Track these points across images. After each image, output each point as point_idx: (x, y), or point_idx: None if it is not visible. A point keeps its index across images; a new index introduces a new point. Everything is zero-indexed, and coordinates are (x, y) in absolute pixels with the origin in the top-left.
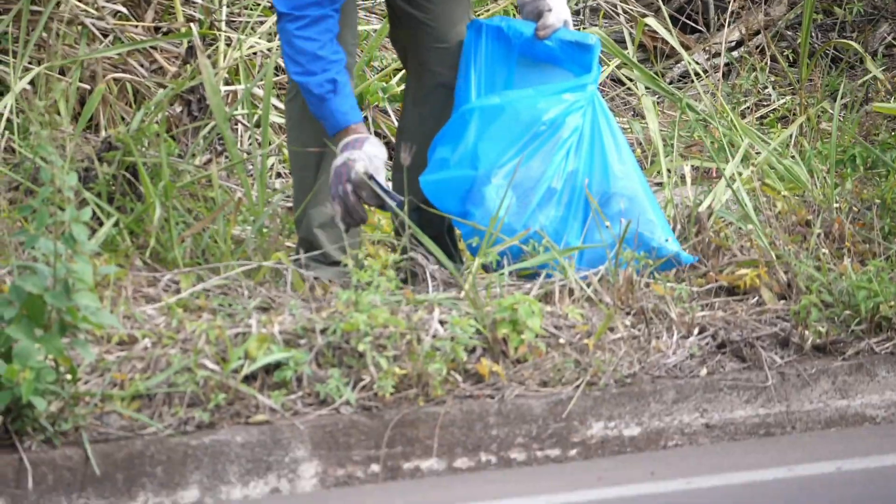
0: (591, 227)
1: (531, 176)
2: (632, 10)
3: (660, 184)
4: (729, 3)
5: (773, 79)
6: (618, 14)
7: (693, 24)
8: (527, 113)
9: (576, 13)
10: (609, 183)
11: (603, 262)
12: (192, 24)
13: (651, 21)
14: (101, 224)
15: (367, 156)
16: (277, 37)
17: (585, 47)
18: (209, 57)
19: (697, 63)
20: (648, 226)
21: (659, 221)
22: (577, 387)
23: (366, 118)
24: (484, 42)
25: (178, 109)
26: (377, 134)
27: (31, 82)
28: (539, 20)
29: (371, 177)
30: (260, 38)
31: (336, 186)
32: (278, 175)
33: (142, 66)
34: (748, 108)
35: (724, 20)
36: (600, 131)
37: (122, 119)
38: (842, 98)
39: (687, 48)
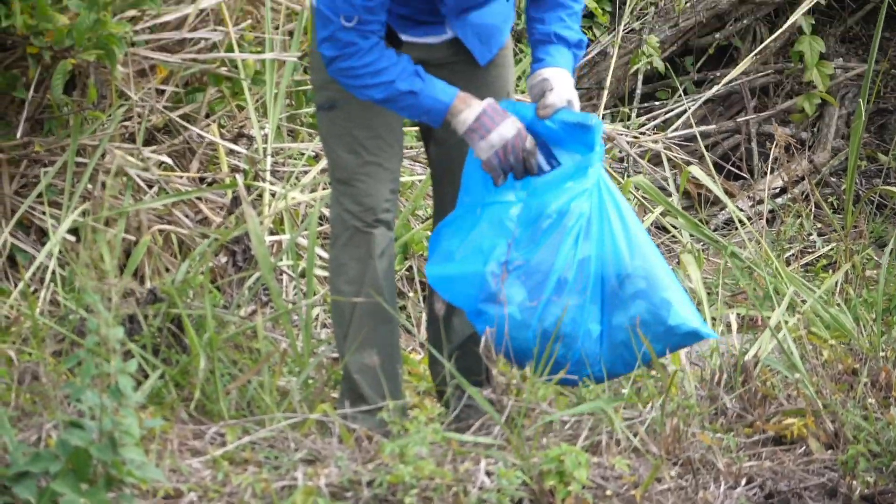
0: (611, 309)
1: (540, 269)
2: (676, 157)
3: None
4: (772, 149)
5: (817, 226)
6: (661, 162)
7: (737, 171)
8: (533, 207)
9: (619, 160)
10: (622, 264)
11: (628, 351)
12: (236, 175)
13: (695, 170)
14: (146, 376)
15: (517, 125)
16: (321, 186)
17: (587, 128)
18: (253, 207)
19: (742, 210)
20: (664, 305)
21: (676, 298)
22: None
23: (410, 268)
24: None
25: (223, 260)
26: (421, 283)
27: (76, 233)
28: (541, 100)
29: (538, 143)
30: (304, 188)
31: (509, 157)
32: (323, 325)
33: (187, 216)
34: (793, 255)
35: (768, 167)
36: (608, 214)
37: (167, 270)
38: (888, 245)
39: (731, 195)
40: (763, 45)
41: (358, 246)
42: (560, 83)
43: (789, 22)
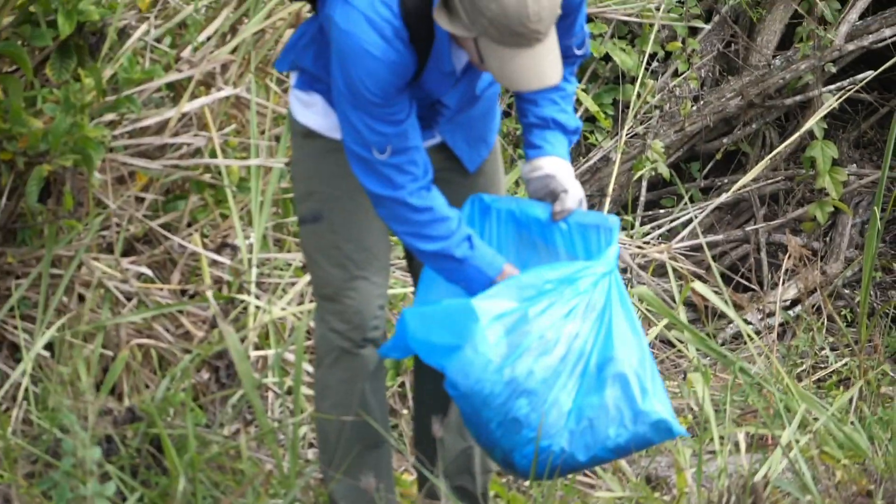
0: (587, 389)
1: (524, 320)
2: (682, 268)
3: (712, 452)
4: (784, 260)
5: (830, 340)
6: (666, 272)
7: (746, 282)
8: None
9: (623, 271)
10: (611, 348)
11: (591, 433)
12: (208, 292)
13: (699, 285)
14: (124, 499)
15: None
16: (309, 298)
17: (606, 229)
18: (237, 320)
19: (750, 323)
20: (642, 390)
21: (654, 390)
22: None
23: (402, 384)
24: (493, 226)
25: (206, 376)
26: (409, 413)
27: (51, 348)
28: (555, 202)
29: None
30: (291, 301)
31: None
32: (310, 445)
33: (167, 330)
34: (805, 370)
35: (779, 278)
36: (611, 301)
37: (147, 387)
38: None
39: (739, 307)
40: (774, 152)
41: (345, 368)
42: (570, 181)
43: (804, 129)
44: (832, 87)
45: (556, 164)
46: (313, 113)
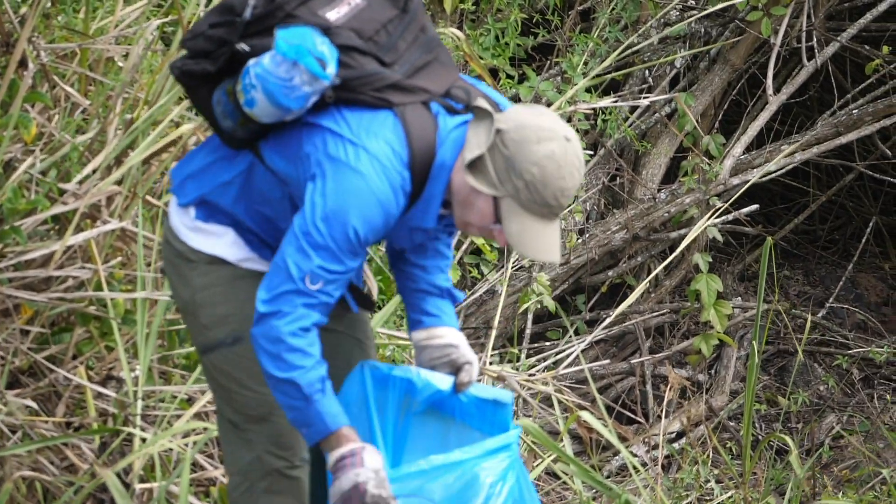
0: None
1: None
2: (566, 399)
3: None
4: (666, 392)
5: (715, 472)
6: (551, 405)
7: (631, 415)
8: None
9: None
10: None
11: None
12: (94, 425)
13: (586, 414)
14: None
15: (373, 472)
16: (195, 432)
17: (500, 405)
18: (122, 452)
19: (636, 455)
20: None
21: None
22: None
23: None
24: (390, 396)
25: None
26: None
27: None
28: (458, 374)
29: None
30: (176, 433)
31: None
32: None
33: (52, 463)
34: (690, 502)
35: (663, 410)
36: (522, 495)
37: None
38: (788, 493)
39: (625, 440)
40: (652, 274)
41: (281, 492)
42: (471, 353)
43: (677, 251)
44: (717, 220)
45: (455, 335)
46: (223, 243)
